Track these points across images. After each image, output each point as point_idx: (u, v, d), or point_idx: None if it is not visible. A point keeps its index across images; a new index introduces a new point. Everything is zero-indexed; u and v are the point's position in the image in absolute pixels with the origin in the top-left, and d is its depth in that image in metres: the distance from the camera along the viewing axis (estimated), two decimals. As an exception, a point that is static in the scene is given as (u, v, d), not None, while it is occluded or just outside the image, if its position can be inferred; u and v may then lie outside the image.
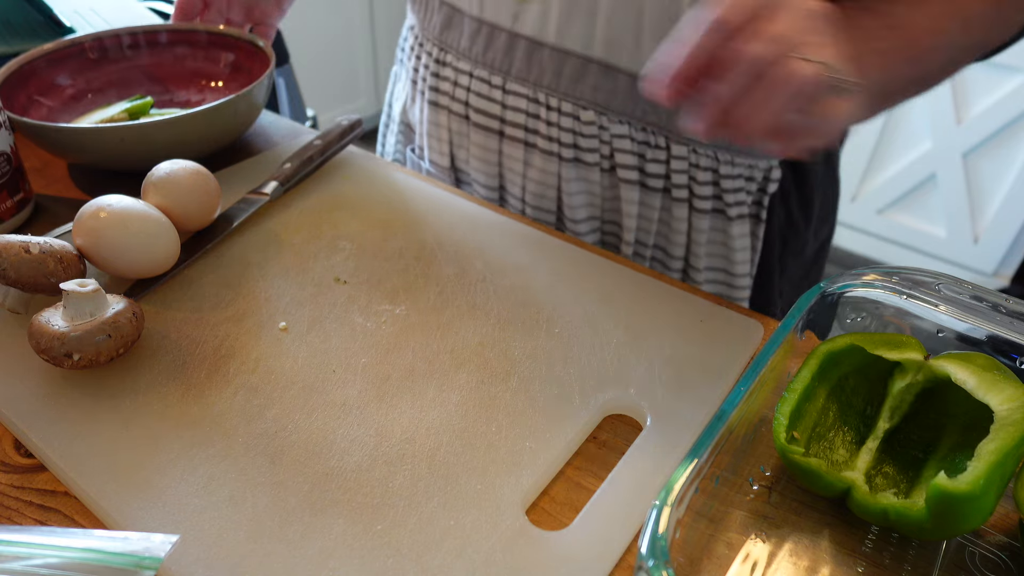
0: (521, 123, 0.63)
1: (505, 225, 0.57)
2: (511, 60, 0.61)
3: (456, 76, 0.66)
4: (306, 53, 2.42)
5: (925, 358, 0.37)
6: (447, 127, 0.68)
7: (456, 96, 0.66)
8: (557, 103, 0.60)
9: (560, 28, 0.57)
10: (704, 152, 0.59)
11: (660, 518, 0.28)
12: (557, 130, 0.61)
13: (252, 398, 0.41)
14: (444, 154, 0.70)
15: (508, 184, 0.67)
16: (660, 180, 0.61)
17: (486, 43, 0.62)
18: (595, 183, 0.63)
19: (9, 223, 0.55)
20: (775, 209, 0.64)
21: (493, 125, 0.65)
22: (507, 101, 0.63)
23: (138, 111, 0.64)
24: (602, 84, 0.58)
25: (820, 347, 0.39)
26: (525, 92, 0.62)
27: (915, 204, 2.17)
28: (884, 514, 0.34)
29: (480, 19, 0.61)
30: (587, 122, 0.60)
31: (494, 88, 0.63)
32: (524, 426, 0.40)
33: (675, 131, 0.58)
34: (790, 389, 0.38)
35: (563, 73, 0.59)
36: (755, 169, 0.61)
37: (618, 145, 0.60)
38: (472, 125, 0.66)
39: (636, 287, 0.50)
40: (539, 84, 0.60)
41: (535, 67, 0.60)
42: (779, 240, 0.66)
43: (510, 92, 0.62)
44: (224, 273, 0.51)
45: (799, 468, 0.36)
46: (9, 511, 0.36)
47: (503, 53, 0.61)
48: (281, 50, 1.29)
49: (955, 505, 0.31)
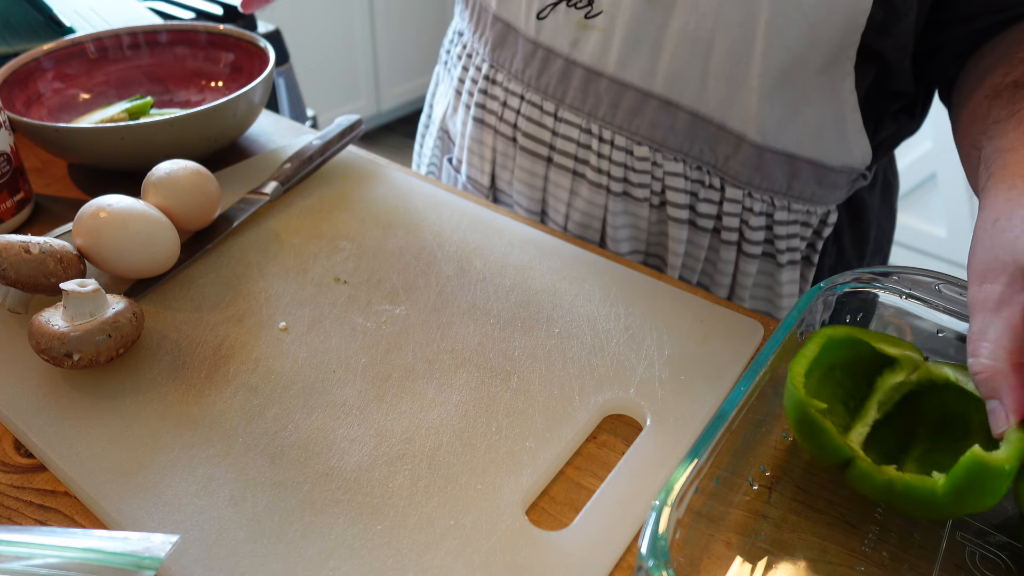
0: (571, 152, 0.60)
1: (505, 225, 0.57)
2: (566, 87, 0.58)
3: (506, 97, 0.63)
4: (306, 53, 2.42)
5: (925, 358, 0.37)
6: (492, 147, 0.66)
7: (504, 117, 0.64)
8: (611, 136, 0.58)
9: (621, 59, 0.54)
10: (760, 197, 0.57)
11: (660, 518, 0.28)
12: (608, 163, 0.59)
13: (252, 398, 0.41)
14: (485, 173, 0.68)
15: (551, 210, 0.65)
16: (711, 220, 0.59)
17: (541, 67, 0.59)
18: (643, 218, 0.61)
19: (9, 223, 0.55)
20: (827, 249, 0.62)
21: (542, 151, 0.62)
22: (558, 129, 0.60)
23: (138, 111, 0.64)
24: (660, 120, 0.55)
25: (823, 330, 0.39)
26: (578, 122, 0.59)
27: (915, 204, 2.17)
28: (888, 486, 0.33)
29: (536, 42, 0.59)
30: (641, 158, 0.58)
31: (546, 114, 0.61)
32: (524, 426, 0.40)
33: (731, 173, 0.56)
34: (801, 354, 0.37)
35: (620, 106, 0.56)
36: (812, 215, 0.58)
37: (670, 183, 0.58)
38: (519, 148, 0.63)
39: (636, 287, 0.50)
40: (593, 115, 0.58)
41: (591, 97, 0.57)
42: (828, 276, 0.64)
43: (562, 120, 0.60)
44: (224, 273, 0.51)
45: (814, 425, 0.35)
46: (9, 511, 0.36)
47: (558, 79, 0.59)
48: (281, 50, 1.29)
49: (985, 478, 0.30)
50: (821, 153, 0.55)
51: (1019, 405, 0.31)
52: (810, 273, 0.62)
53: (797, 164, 0.55)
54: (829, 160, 0.55)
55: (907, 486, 0.33)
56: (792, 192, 0.57)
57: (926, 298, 0.39)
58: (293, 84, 1.36)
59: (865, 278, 0.40)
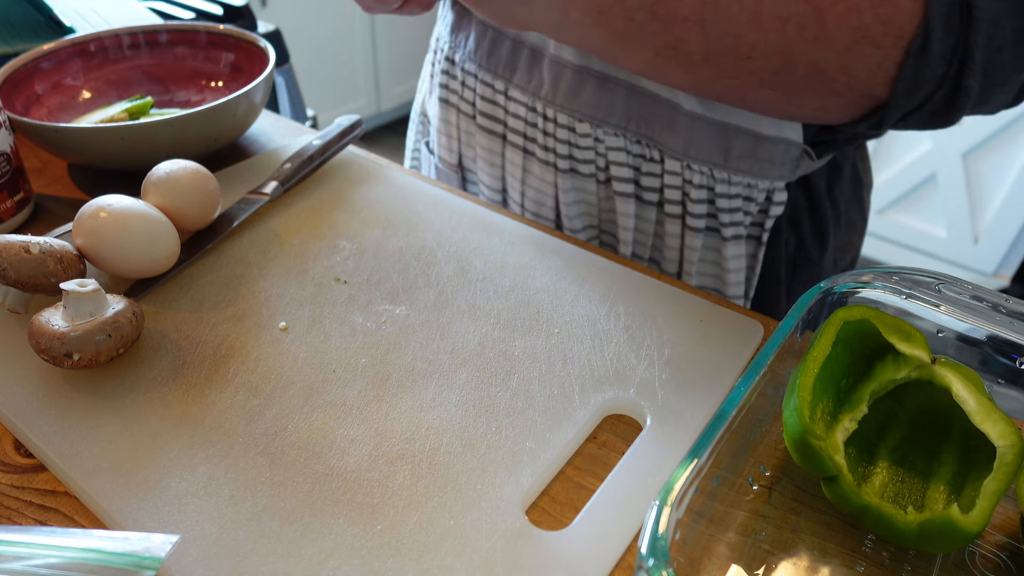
0: (521, 130, 0.63)
1: (505, 225, 0.57)
2: (514, 67, 0.61)
3: (464, 77, 0.66)
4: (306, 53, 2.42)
5: (932, 361, 0.37)
6: (456, 125, 0.69)
7: (464, 96, 0.66)
8: (554, 114, 0.60)
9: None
10: (699, 169, 0.58)
11: (660, 518, 0.28)
12: (554, 140, 0.61)
13: (252, 398, 0.41)
14: (453, 151, 0.70)
15: (509, 188, 0.67)
16: (655, 194, 0.60)
17: (491, 47, 0.62)
18: (591, 193, 0.63)
19: (9, 223, 0.55)
20: (782, 233, 0.62)
21: (497, 129, 0.64)
22: (509, 107, 0.63)
23: (138, 111, 0.64)
24: (599, 97, 0.57)
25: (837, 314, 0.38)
26: (525, 100, 0.61)
27: (915, 204, 2.17)
28: (863, 510, 0.34)
29: (486, 23, 0.61)
30: (583, 134, 0.59)
31: (497, 93, 0.63)
32: (524, 426, 0.40)
33: (668, 146, 0.57)
34: (811, 357, 0.37)
35: (560, 85, 0.58)
36: (755, 189, 0.59)
37: (613, 158, 0.60)
38: (478, 127, 0.66)
39: (636, 287, 0.50)
40: (537, 94, 0.60)
41: (535, 77, 0.60)
42: (788, 266, 0.64)
43: (511, 99, 0.62)
44: (224, 273, 0.51)
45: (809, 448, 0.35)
46: (9, 511, 0.36)
47: (507, 59, 0.61)
48: (281, 50, 1.29)
49: (956, 535, 0.32)
50: (752, 121, 0.55)
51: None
52: (760, 252, 0.62)
53: (730, 133, 0.56)
54: (762, 128, 0.55)
55: (880, 515, 0.34)
56: (730, 164, 0.57)
57: (926, 298, 0.39)
58: (293, 84, 1.36)
59: (865, 278, 0.40)
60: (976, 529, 0.32)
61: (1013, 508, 0.37)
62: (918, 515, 0.33)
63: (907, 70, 0.42)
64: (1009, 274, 2.09)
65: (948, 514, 0.32)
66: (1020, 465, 0.33)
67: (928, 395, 0.38)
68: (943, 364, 0.36)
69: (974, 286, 0.39)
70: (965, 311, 0.38)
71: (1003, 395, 0.38)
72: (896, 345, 0.37)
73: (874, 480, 0.37)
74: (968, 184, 2.03)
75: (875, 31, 0.41)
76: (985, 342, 0.38)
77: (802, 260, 0.64)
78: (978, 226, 2.07)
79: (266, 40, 0.67)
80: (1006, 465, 0.33)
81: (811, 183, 0.61)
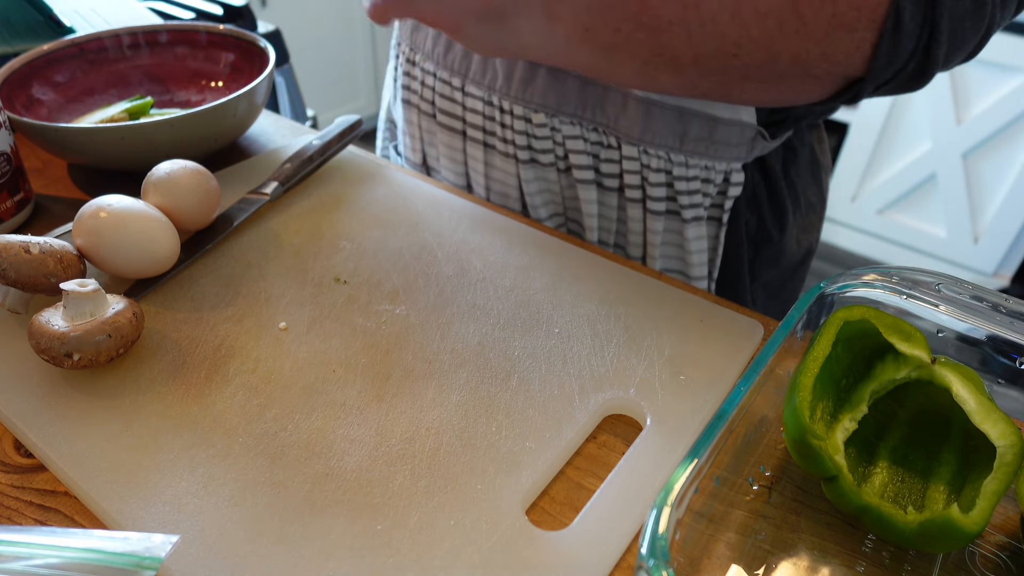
0: (479, 125, 0.63)
1: (505, 225, 0.57)
2: (468, 63, 0.62)
3: (423, 76, 0.66)
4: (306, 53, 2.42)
5: (932, 361, 0.37)
6: (418, 125, 0.70)
7: (424, 96, 0.67)
8: (510, 106, 0.61)
9: None
10: (655, 153, 0.58)
11: (660, 518, 0.28)
12: (512, 132, 0.62)
13: (252, 398, 0.41)
14: (417, 151, 0.71)
15: (473, 183, 0.68)
16: (615, 180, 0.61)
17: (447, 45, 0.63)
18: (553, 182, 0.63)
19: (9, 223, 0.55)
20: (742, 214, 0.63)
21: (456, 126, 0.65)
22: (466, 103, 0.63)
23: (138, 111, 0.64)
24: (551, 87, 0.58)
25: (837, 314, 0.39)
26: (481, 95, 0.62)
27: (915, 204, 2.17)
28: (863, 510, 0.34)
29: None
30: (539, 124, 0.60)
31: (455, 90, 0.64)
32: (524, 426, 0.40)
33: (623, 131, 0.58)
34: (811, 357, 0.37)
35: (513, 77, 0.59)
36: (712, 171, 0.60)
37: (571, 146, 0.60)
38: (438, 124, 0.67)
39: (636, 287, 0.50)
40: (492, 88, 0.61)
41: (489, 71, 0.61)
42: (750, 246, 0.65)
43: (468, 94, 0.63)
44: (224, 273, 0.51)
45: (809, 448, 0.35)
46: (9, 511, 0.36)
47: (461, 56, 0.62)
48: (281, 50, 1.29)
49: (956, 534, 0.32)
50: (706, 104, 0.56)
51: None
52: (721, 234, 0.63)
53: (684, 117, 0.57)
54: (716, 111, 0.56)
55: (880, 515, 0.34)
56: (686, 148, 0.58)
57: (926, 298, 0.39)
58: (293, 84, 1.36)
59: (865, 278, 0.40)
60: (976, 529, 0.32)
61: (1013, 508, 0.37)
62: (918, 515, 0.33)
63: (882, 49, 0.43)
64: (1009, 274, 2.09)
65: (948, 514, 0.32)
66: (1020, 465, 0.33)
67: (928, 395, 0.38)
68: (943, 364, 0.36)
69: (974, 286, 0.39)
70: (965, 311, 0.38)
71: (1003, 395, 0.38)
72: (896, 345, 0.37)
73: (874, 480, 0.37)
74: (968, 184, 2.03)
75: (850, 17, 0.43)
76: (985, 342, 0.38)
77: (763, 240, 0.65)
78: (978, 226, 2.07)
79: (266, 40, 0.67)
80: (1006, 465, 0.33)
81: (768, 164, 0.62)
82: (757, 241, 0.65)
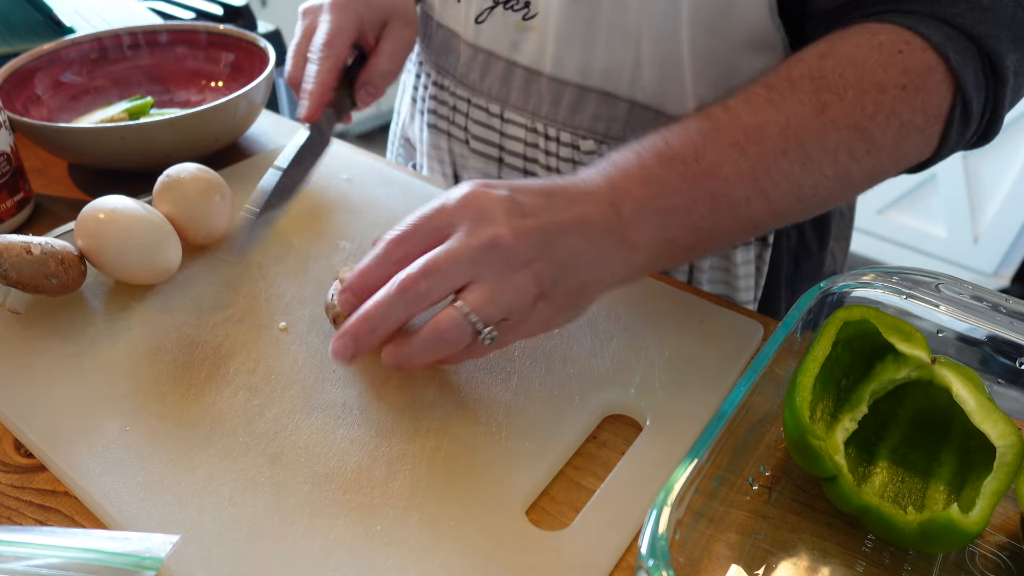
0: (520, 152, 0.62)
1: (505, 225, 0.56)
2: (508, 89, 0.60)
3: (455, 102, 0.64)
4: (306, 53, 2.42)
5: (932, 361, 0.37)
6: (448, 150, 0.67)
7: (455, 121, 0.65)
8: (556, 132, 0.59)
9: (557, 57, 0.55)
10: None
11: (660, 518, 0.28)
12: (556, 160, 0.60)
13: (252, 398, 0.41)
14: (447, 176, 0.69)
15: None
16: None
17: (482, 71, 0.61)
18: None
19: (9, 223, 0.55)
20: (786, 231, 0.62)
21: (492, 152, 0.64)
22: (506, 130, 0.62)
23: (138, 111, 0.64)
24: (601, 113, 0.56)
25: (837, 314, 0.39)
26: (523, 121, 0.60)
27: (915, 204, 2.17)
28: (863, 510, 0.34)
29: (476, 46, 0.60)
30: (587, 151, 0.58)
31: (492, 116, 0.62)
32: (524, 426, 0.40)
33: None
34: (811, 358, 0.37)
35: (561, 103, 0.57)
36: None
37: None
38: (471, 151, 0.65)
39: (636, 287, 0.50)
40: (537, 114, 0.59)
41: (533, 96, 0.59)
42: (791, 262, 0.64)
43: (508, 121, 0.61)
44: (224, 273, 0.51)
45: (809, 448, 0.35)
46: (9, 511, 0.36)
47: (500, 82, 0.60)
48: (281, 50, 1.29)
49: (956, 534, 0.32)
50: None
51: None
52: (767, 253, 0.62)
53: None
54: None
55: (880, 515, 0.34)
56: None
57: (926, 298, 0.39)
58: (293, 84, 1.35)
59: (865, 278, 0.40)
60: (976, 529, 0.31)
61: (1013, 508, 0.37)
62: (918, 515, 0.33)
63: (950, 135, 0.44)
64: (1009, 274, 2.09)
65: (948, 514, 0.32)
66: (1020, 465, 0.33)
67: (928, 395, 0.38)
68: (943, 364, 0.36)
69: (974, 286, 0.39)
70: (965, 311, 0.38)
71: (1003, 395, 0.38)
72: (896, 345, 0.37)
73: (874, 480, 0.37)
74: (968, 184, 2.03)
75: (917, 121, 0.42)
76: (985, 342, 0.38)
77: (803, 254, 0.65)
78: (978, 226, 2.07)
79: (266, 40, 0.67)
80: (1006, 465, 0.33)
81: None
82: (797, 256, 0.64)
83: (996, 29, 0.41)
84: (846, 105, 0.41)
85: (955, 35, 0.42)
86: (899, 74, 0.41)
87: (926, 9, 0.42)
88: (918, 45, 0.41)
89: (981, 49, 0.42)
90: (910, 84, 0.41)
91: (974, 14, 0.41)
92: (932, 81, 0.41)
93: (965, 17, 0.41)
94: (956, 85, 0.42)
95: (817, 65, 0.42)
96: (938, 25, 0.42)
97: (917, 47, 0.41)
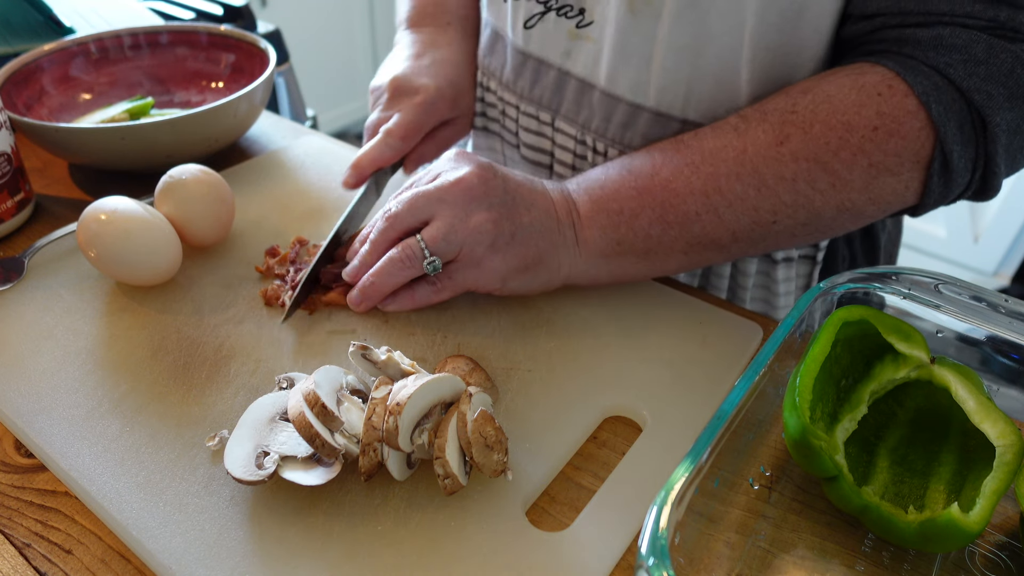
0: (569, 163, 0.60)
1: (505, 225, 0.56)
2: (560, 99, 0.57)
3: (503, 107, 0.63)
4: (306, 53, 2.42)
5: (931, 360, 0.37)
6: (501, 152, 0.67)
7: (506, 126, 0.64)
8: (604, 148, 0.57)
9: (611, 71, 0.53)
10: None
11: (660, 518, 0.28)
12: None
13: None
14: None
15: None
16: None
17: (533, 78, 0.58)
18: None
19: (9, 223, 0.55)
20: (839, 250, 0.61)
21: (544, 160, 0.62)
22: (556, 139, 0.60)
23: (139, 111, 0.64)
24: (652, 132, 0.54)
25: (836, 314, 0.38)
26: (573, 133, 0.58)
27: (915, 204, 2.16)
28: (863, 509, 0.34)
29: (525, 52, 0.58)
30: None
31: (544, 124, 0.60)
32: (524, 427, 0.40)
33: None
34: (810, 357, 0.37)
35: (612, 119, 0.55)
36: None
37: None
38: (522, 157, 0.64)
39: (636, 289, 0.50)
40: (587, 127, 0.57)
41: (584, 109, 0.56)
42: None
43: (559, 130, 0.59)
44: (225, 274, 0.51)
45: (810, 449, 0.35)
46: (9, 511, 0.36)
47: (552, 91, 0.57)
48: (281, 50, 1.29)
49: (957, 534, 0.32)
50: None
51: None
52: (815, 272, 0.61)
53: None
54: None
55: (880, 515, 0.34)
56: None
57: (926, 298, 0.39)
58: (293, 84, 1.36)
59: (865, 278, 0.40)
60: (976, 529, 0.32)
61: (1013, 508, 0.37)
62: (918, 515, 0.33)
63: (933, 185, 0.43)
64: (1009, 274, 2.09)
65: (948, 514, 0.32)
66: (1020, 465, 0.33)
67: (928, 395, 0.38)
68: (943, 364, 0.36)
69: (974, 286, 0.39)
70: (965, 311, 0.38)
71: (1003, 395, 0.38)
72: (896, 345, 0.37)
73: (874, 480, 0.37)
74: (968, 184, 2.03)
75: (890, 163, 0.42)
76: (985, 342, 0.38)
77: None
78: (978, 226, 2.07)
79: (266, 40, 0.67)
80: (1006, 465, 0.33)
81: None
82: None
83: (988, 84, 0.41)
84: (809, 139, 0.43)
85: (944, 85, 0.41)
86: (873, 116, 0.42)
87: (922, 55, 0.42)
88: (901, 90, 0.41)
89: (971, 103, 0.41)
90: (882, 127, 0.41)
91: (967, 66, 0.41)
92: (909, 127, 0.41)
93: (957, 68, 0.41)
94: (937, 136, 0.41)
95: (793, 100, 0.44)
96: (929, 73, 0.41)
97: (899, 92, 0.41)
